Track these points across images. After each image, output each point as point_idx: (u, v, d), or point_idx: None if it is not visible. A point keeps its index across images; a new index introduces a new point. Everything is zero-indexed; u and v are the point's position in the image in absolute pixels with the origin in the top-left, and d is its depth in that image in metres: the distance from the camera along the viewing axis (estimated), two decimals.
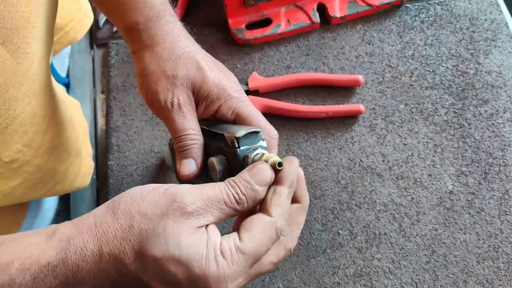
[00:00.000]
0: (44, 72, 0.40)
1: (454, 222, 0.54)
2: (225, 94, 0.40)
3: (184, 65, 0.40)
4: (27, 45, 0.35)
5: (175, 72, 0.40)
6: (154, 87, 0.39)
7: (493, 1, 0.67)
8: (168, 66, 0.40)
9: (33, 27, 0.35)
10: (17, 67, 0.35)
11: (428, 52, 0.65)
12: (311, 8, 0.67)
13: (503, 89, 0.61)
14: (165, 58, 0.40)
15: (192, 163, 0.38)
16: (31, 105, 0.39)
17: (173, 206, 0.29)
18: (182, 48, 0.41)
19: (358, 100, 0.62)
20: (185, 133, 0.39)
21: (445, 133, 0.59)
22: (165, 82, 0.39)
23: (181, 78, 0.39)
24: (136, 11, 0.41)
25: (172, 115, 0.39)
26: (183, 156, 0.39)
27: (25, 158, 0.41)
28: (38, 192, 0.47)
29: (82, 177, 0.56)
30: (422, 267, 0.53)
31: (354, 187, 0.57)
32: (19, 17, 0.33)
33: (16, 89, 0.36)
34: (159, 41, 0.41)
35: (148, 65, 0.40)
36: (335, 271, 0.53)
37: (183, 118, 0.39)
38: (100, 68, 0.70)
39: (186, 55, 0.41)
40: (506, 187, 0.56)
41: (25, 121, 0.39)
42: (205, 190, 0.30)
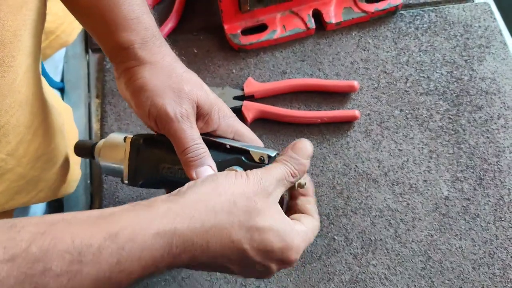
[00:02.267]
0: (31, 82, 0.40)
1: (449, 228, 0.54)
2: (224, 114, 0.43)
3: (188, 82, 0.41)
4: (12, 59, 0.35)
5: (181, 86, 0.40)
6: (160, 101, 0.39)
7: (487, 9, 0.68)
8: (172, 81, 0.40)
9: (19, 41, 0.35)
10: (1, 80, 0.34)
11: (423, 58, 0.65)
12: (306, 14, 0.67)
13: (497, 96, 0.62)
14: (168, 74, 0.41)
15: (209, 170, 0.39)
16: (16, 116, 0.38)
17: (259, 187, 0.35)
18: (181, 67, 0.43)
19: (354, 106, 0.62)
20: (196, 143, 0.40)
21: (440, 139, 0.59)
22: (172, 95, 0.40)
23: (187, 93, 0.40)
24: (132, 31, 0.41)
25: (182, 126, 0.39)
26: (197, 164, 0.39)
27: (7, 166, 0.41)
28: (21, 200, 0.46)
29: (68, 184, 0.55)
30: (418, 273, 0.52)
31: (349, 193, 0.57)
32: (5, 32, 0.33)
33: (0, 101, 0.35)
34: (159, 60, 0.41)
35: (150, 80, 0.40)
36: (331, 277, 0.53)
37: (192, 128, 0.40)
38: (95, 73, 0.70)
39: (186, 74, 0.42)
40: (501, 193, 0.56)
41: (9, 131, 0.38)
42: (273, 172, 0.37)
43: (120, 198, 0.59)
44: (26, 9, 0.35)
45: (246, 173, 0.36)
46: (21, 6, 0.34)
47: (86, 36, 0.72)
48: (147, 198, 0.58)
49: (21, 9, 0.34)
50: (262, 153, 0.40)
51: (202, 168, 0.39)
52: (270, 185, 0.36)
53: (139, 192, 0.59)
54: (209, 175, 0.37)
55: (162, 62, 0.41)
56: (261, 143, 0.45)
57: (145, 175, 0.43)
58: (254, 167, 0.39)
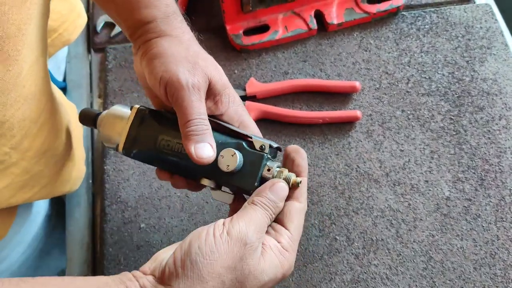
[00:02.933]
0: (37, 77, 0.40)
1: (451, 229, 0.54)
2: (234, 99, 0.42)
3: (204, 59, 0.41)
4: (17, 53, 0.35)
5: (196, 60, 0.40)
6: (174, 68, 0.39)
7: (488, 10, 0.68)
8: (189, 54, 0.40)
9: (23, 35, 0.35)
10: (7, 74, 0.35)
11: (424, 59, 0.65)
12: (308, 15, 0.67)
13: (499, 96, 0.62)
14: (186, 47, 0.41)
15: (209, 147, 0.38)
16: (21, 110, 0.39)
17: (245, 249, 0.33)
18: (199, 47, 0.42)
19: (355, 106, 0.62)
20: (200, 117, 0.38)
21: (441, 140, 0.60)
22: (187, 65, 0.39)
23: (202, 67, 0.40)
24: (154, 8, 0.41)
25: (190, 96, 0.38)
26: (198, 140, 0.38)
27: (11, 160, 0.41)
28: (25, 195, 0.47)
29: (73, 181, 0.56)
30: (419, 273, 0.52)
31: (351, 193, 0.57)
32: (10, 25, 0.33)
33: (5, 95, 0.36)
34: (179, 34, 0.42)
35: (167, 48, 0.40)
36: (332, 277, 0.53)
37: (200, 102, 0.39)
38: (97, 73, 0.70)
39: (203, 53, 0.42)
40: (502, 194, 0.56)
41: (14, 125, 0.39)
42: (256, 222, 0.35)
43: (122, 198, 0.59)
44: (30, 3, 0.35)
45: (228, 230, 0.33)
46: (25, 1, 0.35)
47: (88, 36, 0.73)
48: (149, 198, 0.58)
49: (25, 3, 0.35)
50: (264, 142, 0.40)
51: (201, 144, 0.38)
52: (255, 242, 0.34)
53: (141, 192, 0.59)
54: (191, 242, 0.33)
55: (182, 36, 0.42)
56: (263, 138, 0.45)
57: (141, 146, 0.43)
58: (253, 154, 0.39)
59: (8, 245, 0.53)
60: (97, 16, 0.72)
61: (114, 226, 0.58)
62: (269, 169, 0.39)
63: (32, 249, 0.60)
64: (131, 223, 0.58)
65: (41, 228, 0.60)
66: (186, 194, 0.59)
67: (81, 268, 0.58)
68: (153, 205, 0.58)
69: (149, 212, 0.58)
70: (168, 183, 0.59)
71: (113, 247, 0.56)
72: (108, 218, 0.58)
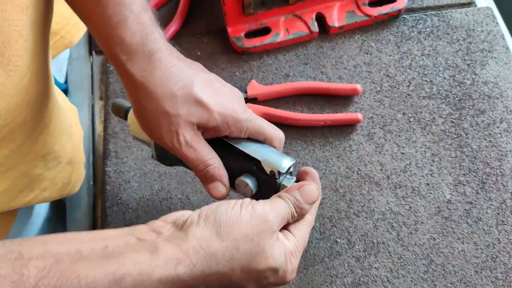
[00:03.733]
0: (40, 82, 0.40)
1: (452, 232, 0.54)
2: (233, 121, 0.41)
3: (184, 103, 0.39)
4: (18, 58, 0.35)
5: (176, 111, 0.39)
6: (157, 130, 0.40)
7: (489, 13, 0.68)
8: (166, 105, 0.39)
9: (25, 40, 0.35)
10: (8, 79, 0.35)
11: (426, 62, 0.65)
12: (309, 18, 0.67)
13: (500, 100, 0.62)
14: (160, 97, 0.39)
15: (220, 186, 0.42)
16: (23, 115, 0.39)
17: (266, 226, 0.35)
18: (176, 82, 0.39)
19: (356, 109, 0.62)
20: (203, 162, 0.40)
21: (442, 143, 0.60)
22: (167, 123, 0.39)
23: (184, 116, 0.39)
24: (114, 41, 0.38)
25: (183, 152, 0.40)
26: (209, 181, 0.42)
27: (11, 163, 0.41)
28: (25, 198, 0.47)
29: (72, 184, 0.56)
30: (421, 276, 0.52)
31: (352, 196, 0.57)
32: (12, 31, 0.33)
33: (6, 100, 0.36)
34: (149, 78, 0.39)
35: (145, 106, 0.40)
36: (333, 280, 0.53)
37: (194, 151, 0.40)
38: (98, 75, 0.70)
39: (181, 91, 0.39)
40: (504, 197, 0.56)
41: (14, 129, 0.39)
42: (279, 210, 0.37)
43: (123, 199, 0.59)
44: (32, 9, 0.35)
45: (253, 205, 0.35)
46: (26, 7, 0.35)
47: (90, 38, 0.73)
48: (150, 200, 0.58)
49: (27, 10, 0.35)
50: (273, 167, 0.40)
51: (212, 184, 0.41)
52: (275, 224, 0.35)
53: (142, 194, 0.59)
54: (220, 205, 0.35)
55: (153, 81, 0.39)
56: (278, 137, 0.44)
57: (172, 158, 0.44)
58: (266, 180, 0.40)
59: None
60: None
61: (115, 228, 0.57)
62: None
63: None
64: (132, 225, 0.57)
65: (41, 231, 0.60)
66: (187, 196, 0.59)
67: None
68: (154, 207, 0.58)
69: (150, 214, 0.58)
70: (168, 184, 0.59)
71: None
72: (109, 220, 0.58)
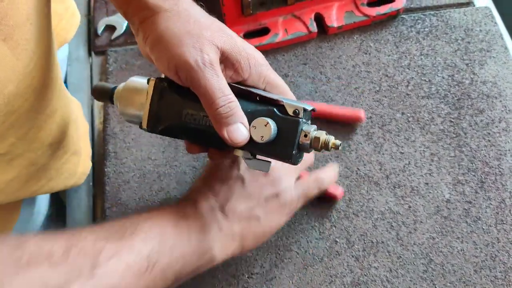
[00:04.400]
0: (46, 68, 0.40)
1: (451, 231, 0.54)
2: (255, 61, 0.39)
3: (208, 28, 0.37)
4: (26, 42, 0.35)
5: (200, 32, 0.36)
6: (179, 50, 0.35)
7: (488, 13, 0.68)
8: (190, 27, 0.36)
9: (31, 24, 0.35)
10: (17, 63, 0.35)
11: (424, 62, 0.65)
12: (308, 18, 0.67)
13: (498, 99, 0.62)
14: (185, 20, 0.37)
15: (242, 128, 0.36)
16: (30, 101, 0.38)
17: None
18: (200, 14, 0.38)
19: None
20: (224, 95, 0.36)
21: (441, 142, 0.60)
22: (191, 41, 0.36)
23: (207, 38, 0.36)
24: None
25: (206, 75, 0.35)
26: (230, 122, 0.36)
27: (18, 151, 0.41)
28: (31, 188, 0.46)
29: (78, 176, 0.56)
30: (420, 276, 0.52)
31: (351, 195, 0.57)
32: (19, 14, 0.33)
33: (15, 85, 0.35)
34: (172, 6, 0.37)
35: (166, 29, 0.36)
36: (333, 279, 0.53)
37: (217, 77, 0.36)
38: (98, 75, 0.70)
39: (206, 20, 0.37)
40: (503, 196, 0.56)
41: (22, 116, 0.38)
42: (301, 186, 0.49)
43: (123, 200, 0.59)
44: None
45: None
46: None
47: (89, 38, 0.73)
48: (149, 200, 0.58)
49: None
50: (297, 105, 0.37)
51: (233, 126, 0.36)
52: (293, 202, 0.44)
53: (141, 194, 0.59)
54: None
55: (177, 8, 0.37)
56: (293, 97, 0.42)
57: (166, 121, 0.40)
58: (287, 121, 0.36)
59: None
60: (98, 19, 0.73)
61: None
62: (306, 134, 0.37)
63: None
64: None
65: (42, 229, 0.61)
66: None
67: None
68: (153, 207, 0.58)
69: None
70: (168, 185, 0.59)
71: None
72: (108, 220, 0.58)
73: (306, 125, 0.38)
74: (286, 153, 0.37)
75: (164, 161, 0.61)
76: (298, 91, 0.64)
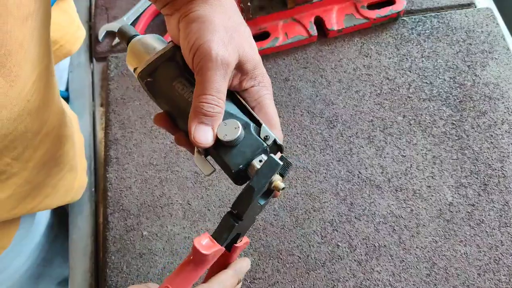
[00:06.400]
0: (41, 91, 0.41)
1: (454, 234, 0.54)
2: (261, 79, 0.39)
3: (240, 35, 0.38)
4: (20, 69, 0.35)
5: (233, 33, 0.37)
6: (209, 36, 0.36)
7: (489, 14, 0.68)
8: (229, 24, 0.37)
9: (26, 51, 0.36)
10: (10, 89, 0.35)
11: (425, 64, 0.65)
12: (308, 22, 0.67)
13: (501, 101, 0.61)
14: (228, 16, 0.38)
15: (210, 133, 0.36)
16: (24, 124, 0.39)
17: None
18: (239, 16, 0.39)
19: (356, 112, 0.62)
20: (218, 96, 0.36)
21: (443, 145, 0.59)
22: (223, 35, 0.36)
23: (236, 42, 0.37)
24: None
25: (216, 70, 0.36)
26: (204, 121, 0.36)
27: (13, 170, 0.41)
28: (28, 205, 0.47)
29: (75, 191, 0.56)
30: (423, 280, 0.52)
31: (353, 199, 0.57)
32: (12, 43, 0.34)
33: (9, 110, 0.36)
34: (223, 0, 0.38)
35: (209, 14, 0.37)
36: (335, 284, 0.52)
37: (223, 79, 0.36)
38: (99, 82, 0.70)
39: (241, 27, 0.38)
40: (506, 199, 0.55)
41: (16, 138, 0.39)
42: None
43: (125, 205, 0.59)
44: (31, 20, 0.36)
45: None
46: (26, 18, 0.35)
47: (90, 45, 0.73)
48: (151, 205, 0.58)
49: (26, 21, 0.35)
50: (270, 134, 0.37)
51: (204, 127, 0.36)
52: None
53: (143, 200, 0.59)
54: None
55: (225, 3, 0.38)
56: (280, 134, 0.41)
57: (158, 77, 0.41)
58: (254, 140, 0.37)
59: (10, 255, 0.53)
60: (99, 25, 0.73)
61: (116, 234, 0.58)
62: (261, 160, 0.37)
63: (34, 258, 0.60)
64: (133, 231, 0.58)
65: (44, 237, 0.61)
66: (188, 202, 0.59)
67: (83, 277, 0.58)
68: (155, 212, 0.59)
69: (151, 220, 0.58)
70: (169, 190, 0.59)
71: (116, 255, 0.56)
72: (110, 226, 0.58)
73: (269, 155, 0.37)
74: (234, 163, 0.37)
75: (165, 167, 0.61)
76: (299, 95, 0.64)
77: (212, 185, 0.59)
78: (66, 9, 0.60)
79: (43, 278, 0.64)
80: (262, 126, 0.38)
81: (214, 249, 0.35)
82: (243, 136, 0.37)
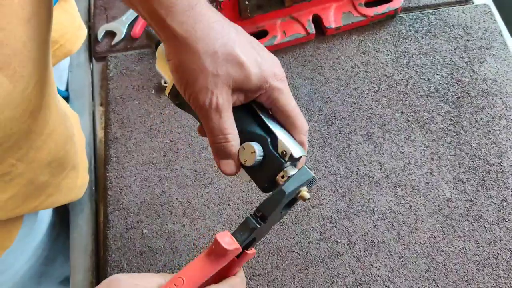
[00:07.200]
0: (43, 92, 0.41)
1: (453, 230, 0.54)
2: (266, 85, 0.40)
3: (225, 63, 0.38)
4: (23, 69, 0.36)
5: (215, 70, 0.37)
6: (193, 87, 0.38)
7: (487, 10, 0.68)
8: (207, 62, 0.37)
9: (29, 51, 0.36)
10: (14, 90, 0.35)
11: (423, 61, 0.65)
12: (306, 20, 0.68)
13: (499, 96, 0.62)
14: (202, 53, 0.37)
15: (231, 164, 0.40)
16: (27, 123, 0.39)
17: None
18: (217, 39, 0.38)
19: (354, 109, 0.63)
20: (223, 134, 0.39)
21: (441, 141, 0.59)
22: (205, 81, 0.37)
23: (222, 77, 0.38)
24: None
25: (210, 115, 0.38)
26: (222, 157, 0.40)
27: (17, 171, 0.42)
28: (31, 205, 0.47)
29: (77, 190, 0.56)
30: (422, 275, 0.52)
31: (351, 196, 0.57)
32: (16, 43, 0.34)
33: (12, 110, 0.36)
34: (190, 32, 0.37)
35: (185, 60, 0.38)
36: (334, 280, 0.53)
37: (220, 118, 0.38)
38: (99, 81, 0.71)
39: (223, 49, 0.38)
40: (504, 194, 0.56)
41: (20, 138, 0.40)
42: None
43: (125, 204, 0.60)
44: (34, 20, 0.36)
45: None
46: (29, 18, 0.35)
47: (90, 45, 0.74)
48: (151, 204, 0.59)
49: (29, 21, 0.35)
50: (288, 148, 0.39)
51: (225, 161, 0.40)
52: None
53: (143, 198, 0.60)
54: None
55: (194, 35, 0.37)
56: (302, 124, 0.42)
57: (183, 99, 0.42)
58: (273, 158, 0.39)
59: (13, 254, 0.54)
60: (98, 25, 0.73)
61: (117, 232, 0.58)
62: (283, 176, 0.39)
63: (36, 257, 0.61)
64: (133, 229, 0.58)
65: (46, 236, 0.61)
66: (187, 200, 0.59)
67: (85, 275, 0.58)
68: (155, 211, 0.59)
69: (152, 218, 0.58)
70: (169, 188, 0.60)
71: (116, 253, 0.57)
72: (111, 225, 0.59)
73: (290, 167, 0.39)
74: (259, 182, 0.40)
75: (165, 165, 0.61)
76: (297, 93, 0.64)
77: (211, 183, 0.60)
78: (67, 9, 0.61)
79: (45, 277, 0.65)
80: (278, 140, 0.39)
81: (235, 246, 0.36)
82: (261, 157, 0.39)
